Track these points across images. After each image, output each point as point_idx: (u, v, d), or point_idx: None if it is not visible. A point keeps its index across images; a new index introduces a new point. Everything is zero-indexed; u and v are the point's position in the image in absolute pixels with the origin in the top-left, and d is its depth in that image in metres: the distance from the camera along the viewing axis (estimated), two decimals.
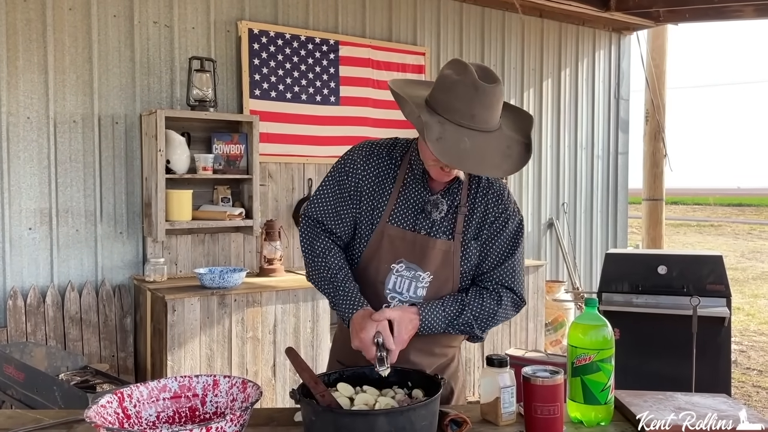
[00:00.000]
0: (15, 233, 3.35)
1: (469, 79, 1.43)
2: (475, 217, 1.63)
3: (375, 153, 1.65)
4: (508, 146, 1.48)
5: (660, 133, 6.29)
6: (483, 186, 1.65)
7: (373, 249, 1.61)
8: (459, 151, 1.42)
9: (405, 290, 1.60)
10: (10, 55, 3.31)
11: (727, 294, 3.35)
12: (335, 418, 1.23)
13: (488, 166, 1.45)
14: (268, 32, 3.99)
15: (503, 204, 1.65)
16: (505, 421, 1.42)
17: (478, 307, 1.59)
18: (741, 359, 5.36)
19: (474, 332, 1.61)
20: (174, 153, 3.49)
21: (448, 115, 1.44)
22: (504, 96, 1.48)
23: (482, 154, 1.43)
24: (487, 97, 1.43)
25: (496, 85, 1.44)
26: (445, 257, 1.60)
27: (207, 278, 3.32)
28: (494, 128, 1.47)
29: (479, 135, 1.44)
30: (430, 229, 1.60)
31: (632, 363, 3.30)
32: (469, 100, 1.42)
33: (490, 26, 5.12)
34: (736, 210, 28.50)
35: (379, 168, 1.63)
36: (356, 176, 1.63)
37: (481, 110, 1.43)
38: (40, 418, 1.47)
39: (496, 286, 1.63)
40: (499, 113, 1.49)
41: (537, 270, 4.51)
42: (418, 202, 1.61)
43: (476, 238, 1.63)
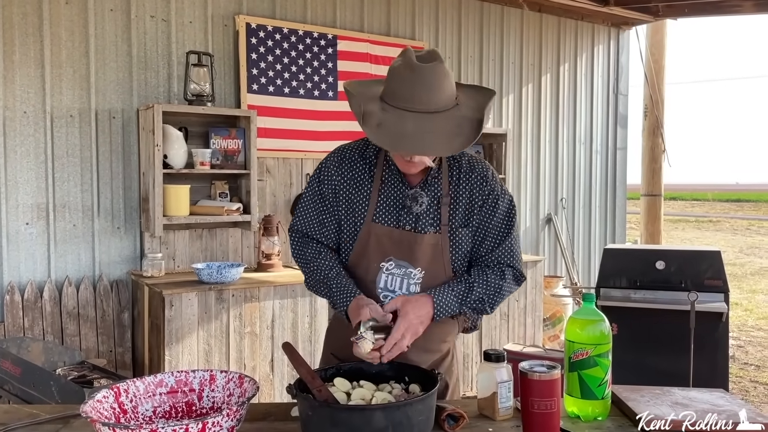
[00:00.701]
0: (12, 228, 3.34)
1: (407, 63, 1.43)
2: (461, 205, 1.62)
3: (347, 157, 1.64)
4: (459, 125, 1.45)
5: (659, 128, 6.28)
6: (464, 171, 1.64)
7: (360, 249, 1.61)
8: (399, 135, 1.42)
9: (397, 288, 1.60)
10: (7, 49, 3.29)
11: (725, 289, 3.35)
12: (332, 413, 1.22)
13: (433, 146, 1.44)
14: (265, 26, 3.98)
15: (489, 185, 1.64)
16: (502, 416, 1.42)
17: (485, 283, 1.59)
18: (739, 354, 5.37)
19: (485, 308, 1.61)
20: (171, 148, 3.48)
21: (391, 101, 1.45)
22: (448, 74, 1.45)
23: (426, 135, 1.42)
24: (425, 77, 1.42)
25: (434, 65, 1.43)
26: (434, 251, 1.60)
27: (205, 273, 3.32)
28: (443, 108, 1.45)
29: (424, 116, 1.42)
30: (415, 223, 1.59)
31: (630, 358, 3.30)
32: (408, 82, 1.43)
33: (488, 21, 5.11)
34: (735, 205, 28.52)
35: (353, 171, 1.63)
36: (332, 183, 1.63)
37: (422, 91, 1.42)
38: (36, 413, 1.47)
39: (497, 265, 1.64)
40: (448, 92, 1.46)
41: (535, 265, 4.51)
42: (398, 198, 1.60)
43: (465, 226, 1.62)
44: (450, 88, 1.47)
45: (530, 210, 5.44)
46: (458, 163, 1.65)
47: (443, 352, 1.71)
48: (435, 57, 1.45)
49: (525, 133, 5.37)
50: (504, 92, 5.22)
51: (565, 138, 5.65)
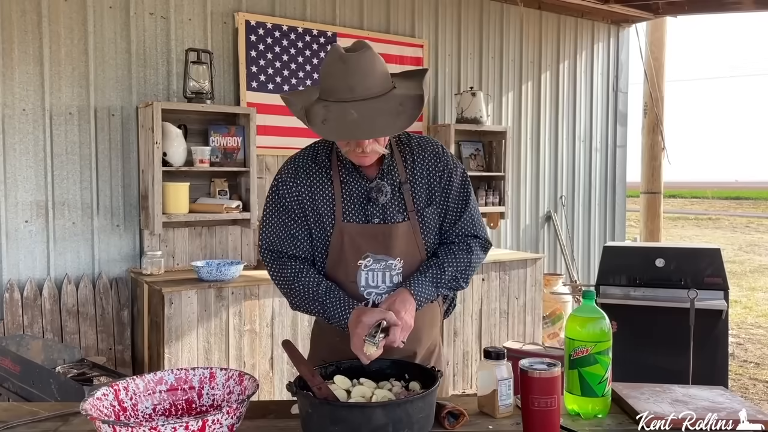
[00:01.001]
0: (11, 226, 3.34)
1: (336, 55, 1.45)
2: (421, 186, 1.63)
3: (301, 166, 1.63)
4: (401, 103, 1.46)
5: (658, 126, 6.28)
6: (416, 152, 1.65)
7: (336, 252, 1.60)
8: (346, 125, 1.43)
9: (379, 282, 1.60)
10: (5, 46, 3.29)
11: (724, 287, 3.34)
12: (332, 411, 1.22)
13: (380, 127, 1.45)
14: (265, 24, 3.97)
15: (442, 161, 1.66)
16: (503, 413, 1.42)
17: (454, 261, 1.62)
18: (738, 352, 5.37)
19: (459, 285, 1.64)
20: (171, 145, 3.47)
21: (331, 96, 1.46)
22: (378, 59, 1.47)
23: (372, 119, 1.43)
24: (357, 65, 1.43)
25: (362, 52, 1.44)
26: (408, 238, 1.61)
27: (204, 271, 3.32)
28: (382, 91, 1.46)
29: (365, 103, 1.44)
30: (383, 214, 1.60)
31: (629, 355, 3.29)
32: (342, 74, 1.44)
33: (488, 18, 5.10)
34: (734, 203, 28.53)
35: (310, 178, 1.62)
36: (293, 195, 1.62)
37: (357, 79, 1.43)
38: (36, 411, 1.46)
39: (462, 238, 1.66)
40: (382, 76, 1.47)
41: (535, 263, 4.51)
42: (362, 193, 1.60)
43: (430, 205, 1.63)
44: (383, 71, 1.48)
45: (530, 208, 5.44)
46: (408, 147, 1.66)
47: (432, 340, 1.73)
48: (363, 45, 1.47)
49: (524, 130, 5.37)
50: (503, 90, 5.22)
51: (565, 135, 5.65)
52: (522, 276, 4.45)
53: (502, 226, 5.16)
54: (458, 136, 4.69)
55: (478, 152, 4.88)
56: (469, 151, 4.83)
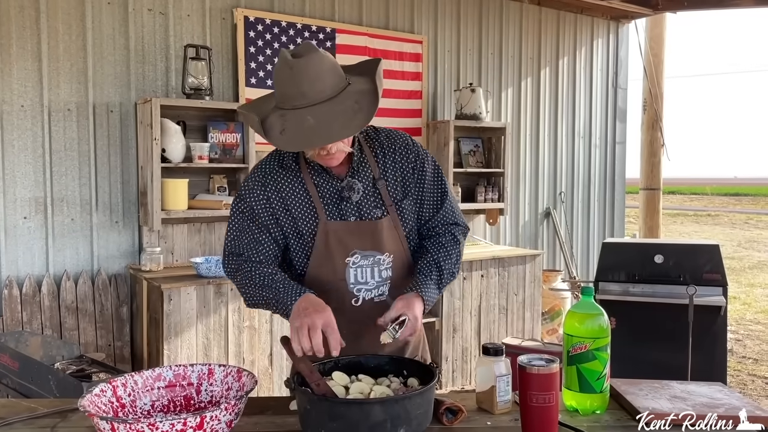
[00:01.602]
0: (10, 222, 3.34)
1: (283, 63, 1.43)
2: (395, 179, 1.63)
3: (268, 172, 1.61)
4: (356, 101, 1.44)
5: (658, 122, 6.28)
6: (386, 146, 1.65)
7: (321, 251, 1.58)
8: (304, 133, 1.41)
9: (369, 278, 1.60)
10: (3, 42, 3.28)
11: (723, 283, 3.35)
12: (330, 407, 1.22)
13: (337, 131, 1.42)
14: (264, 20, 3.96)
15: (412, 151, 1.66)
16: (501, 409, 1.42)
17: (447, 257, 1.64)
18: (737, 348, 5.38)
19: (453, 278, 1.67)
20: (169, 142, 3.47)
21: (286, 104, 1.45)
22: (327, 59, 1.45)
23: (328, 123, 1.42)
24: (305, 70, 1.41)
25: (308, 57, 1.42)
26: (391, 232, 1.61)
27: (203, 267, 3.31)
28: (336, 92, 1.45)
29: (321, 106, 1.42)
30: (358, 212, 1.59)
31: (628, 352, 3.30)
32: (291, 81, 1.43)
33: (488, 14, 5.09)
34: (733, 199, 28.54)
35: (279, 183, 1.60)
36: (260, 202, 1.60)
37: (308, 84, 1.41)
38: (34, 407, 1.46)
39: (445, 227, 1.68)
40: (334, 76, 1.45)
41: (534, 259, 4.51)
42: (335, 192, 1.59)
43: (406, 197, 1.64)
44: (334, 71, 1.46)
45: (529, 204, 5.44)
46: (378, 141, 1.65)
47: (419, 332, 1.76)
48: (309, 48, 1.44)
49: (524, 127, 5.36)
50: (503, 86, 5.21)
51: (564, 132, 5.64)
52: (521, 272, 4.45)
53: (501, 223, 5.16)
54: (457, 132, 4.68)
55: (478, 148, 4.87)
56: (469, 147, 4.83)
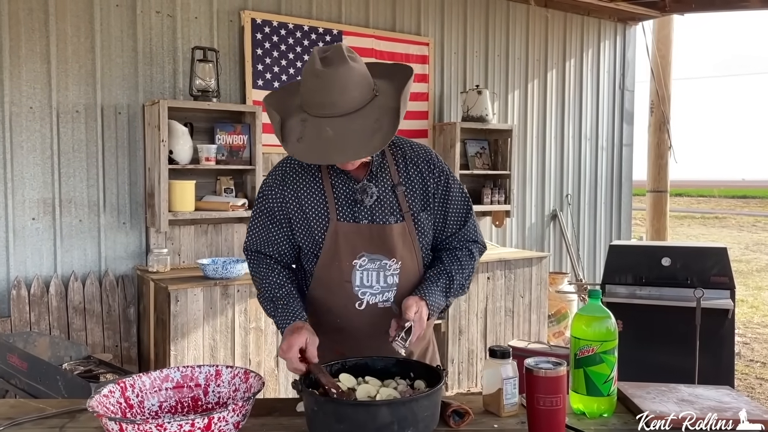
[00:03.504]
0: (18, 223, 3.36)
1: (311, 69, 1.40)
2: (416, 190, 1.62)
3: (288, 172, 1.63)
4: (377, 119, 1.41)
5: (665, 124, 6.26)
6: (410, 157, 1.64)
7: (330, 251, 1.58)
8: (320, 145, 1.39)
9: (374, 282, 1.59)
10: (13, 44, 3.30)
11: (731, 286, 3.33)
12: (337, 409, 1.22)
13: (353, 150, 1.40)
14: (271, 22, 3.98)
15: (437, 168, 1.65)
16: (508, 412, 1.42)
17: (460, 269, 1.63)
18: (744, 351, 5.35)
19: (464, 291, 1.67)
20: (177, 143, 3.48)
21: (309, 109, 1.43)
22: (355, 72, 1.40)
23: (346, 139, 1.39)
24: (332, 82, 1.38)
25: (336, 68, 1.38)
26: (404, 239, 1.60)
27: (210, 269, 3.32)
28: (359, 106, 1.42)
29: (342, 120, 1.40)
30: (371, 216, 1.58)
31: (635, 355, 3.29)
32: (317, 90, 1.40)
33: (494, 16, 5.09)
34: (741, 202, 28.39)
35: (298, 182, 1.61)
36: (277, 200, 1.62)
37: (332, 96, 1.38)
38: (43, 408, 1.47)
39: (464, 243, 1.68)
40: (360, 89, 1.41)
41: (540, 261, 4.50)
42: (350, 194, 1.59)
43: (425, 210, 1.63)
44: (361, 83, 1.42)
45: (535, 206, 5.43)
46: (401, 150, 1.65)
47: (427, 339, 1.75)
48: (339, 58, 1.40)
49: (530, 129, 5.36)
50: (509, 88, 5.21)
51: (571, 134, 5.63)
52: (527, 275, 4.44)
53: (507, 225, 5.15)
54: (464, 134, 4.68)
55: (484, 150, 4.87)
56: (475, 149, 4.82)
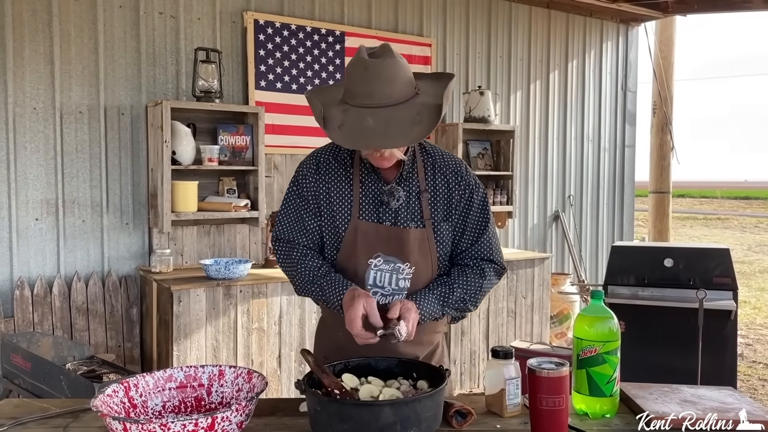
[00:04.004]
0: (22, 224, 3.36)
1: (359, 60, 1.46)
2: (440, 199, 1.63)
3: (322, 162, 1.66)
4: (418, 113, 1.46)
5: (667, 125, 6.25)
6: (439, 165, 1.65)
7: (348, 248, 1.61)
8: (362, 132, 1.44)
9: (386, 283, 1.60)
10: (16, 45, 3.31)
11: (733, 287, 3.33)
12: (340, 409, 1.23)
13: (394, 137, 1.45)
14: (273, 23, 3.98)
15: (464, 180, 1.66)
16: (510, 412, 1.42)
17: (464, 284, 1.61)
18: (747, 352, 5.34)
19: (467, 307, 1.63)
20: (180, 144, 3.49)
21: (351, 100, 1.48)
22: (401, 66, 1.47)
23: (387, 128, 1.43)
24: (378, 72, 1.44)
25: (384, 59, 1.45)
26: (421, 245, 1.61)
27: (212, 269, 3.33)
28: (402, 99, 1.46)
29: (384, 110, 1.44)
30: (395, 218, 1.60)
31: (638, 355, 3.28)
32: (363, 80, 1.45)
33: (496, 17, 5.09)
34: (744, 203, 28.34)
35: (330, 174, 1.64)
36: (311, 187, 1.64)
37: (378, 86, 1.44)
38: (47, 407, 1.48)
39: (476, 261, 1.65)
40: (403, 83, 1.47)
41: (542, 262, 4.50)
42: (377, 195, 1.61)
43: (446, 220, 1.63)
44: (406, 78, 1.48)
45: (537, 207, 5.43)
46: (432, 158, 1.66)
47: (434, 344, 1.73)
48: (386, 51, 1.47)
49: (533, 129, 5.36)
50: (512, 89, 5.21)
51: (573, 135, 5.63)
52: (529, 275, 4.44)
53: (509, 226, 5.15)
54: (466, 135, 4.68)
55: (486, 151, 4.87)
56: (477, 150, 4.83)
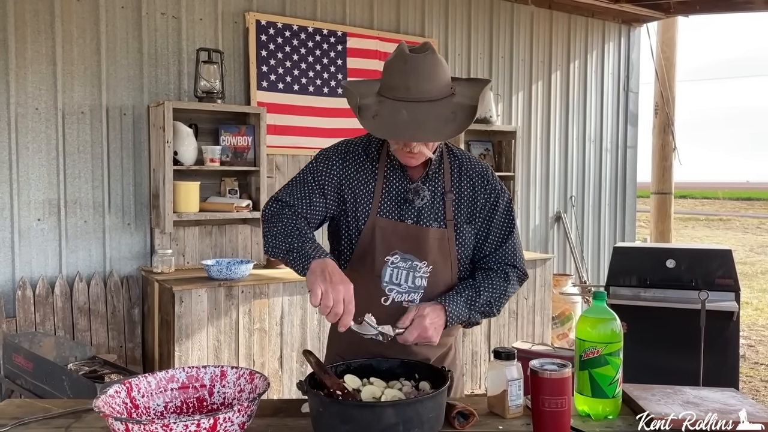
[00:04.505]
0: (24, 224, 3.37)
1: (399, 54, 1.47)
2: (464, 201, 1.63)
3: (351, 151, 1.66)
4: (453, 111, 1.47)
5: (669, 126, 6.24)
6: (465, 168, 1.66)
7: (366, 243, 1.61)
8: (395, 124, 1.45)
9: (403, 281, 1.60)
10: (19, 46, 3.31)
11: (736, 288, 3.33)
12: (342, 410, 1.23)
13: (427, 132, 1.46)
14: (275, 23, 3.98)
15: (490, 184, 1.66)
16: (513, 414, 1.42)
17: (491, 287, 1.61)
18: (749, 354, 5.34)
19: (492, 311, 1.63)
20: (182, 144, 3.49)
21: (387, 93, 1.49)
22: (441, 64, 1.49)
23: (421, 122, 1.45)
24: (418, 67, 1.45)
25: (425, 54, 1.46)
26: (441, 245, 1.61)
27: (214, 270, 3.33)
28: (438, 96, 1.47)
29: (419, 105, 1.46)
30: (417, 217, 1.61)
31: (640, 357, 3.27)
32: (401, 73, 1.46)
33: (498, 18, 5.09)
34: (746, 204, 28.31)
35: (357, 164, 1.64)
36: (335, 174, 1.63)
37: (416, 80, 1.45)
38: (48, 408, 1.48)
39: (500, 266, 1.65)
40: (442, 81, 1.48)
41: (544, 263, 4.49)
42: (401, 192, 1.62)
43: (469, 222, 1.64)
44: (444, 77, 1.49)
45: (539, 208, 5.42)
46: (458, 161, 1.67)
47: (448, 346, 1.73)
48: (427, 48, 1.48)
49: (534, 130, 5.35)
50: (513, 89, 5.21)
51: (575, 136, 5.62)
52: (531, 276, 4.44)
53: None
54: (468, 135, 4.68)
55: (488, 152, 4.87)
56: (479, 150, 4.82)
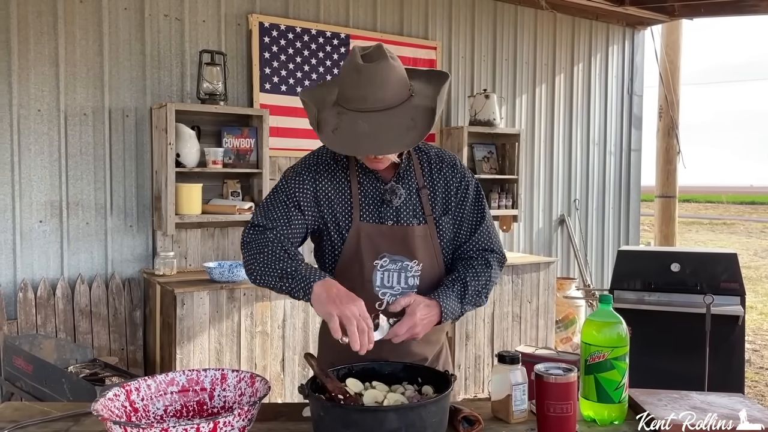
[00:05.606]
0: (26, 226, 3.36)
1: (352, 64, 1.44)
2: (439, 194, 1.64)
3: (321, 162, 1.63)
4: (413, 117, 1.45)
5: (673, 129, 6.22)
6: (434, 161, 1.67)
7: (351, 250, 1.59)
8: (355, 137, 1.42)
9: (395, 283, 1.59)
10: (21, 47, 3.31)
11: (741, 292, 3.30)
12: (344, 414, 1.21)
13: (387, 143, 1.44)
14: (278, 25, 3.98)
15: (459, 173, 1.68)
16: (517, 418, 1.40)
17: (476, 276, 1.60)
18: (754, 358, 5.30)
19: (481, 300, 1.62)
20: (184, 146, 3.48)
21: (346, 104, 1.46)
22: (395, 69, 1.44)
23: (380, 133, 1.42)
24: (371, 76, 1.41)
25: (377, 63, 1.42)
26: (425, 241, 1.61)
27: (216, 272, 3.32)
28: (395, 103, 1.45)
29: (377, 115, 1.43)
30: (397, 217, 1.60)
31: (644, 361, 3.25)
32: (356, 84, 1.43)
33: (502, 20, 5.08)
34: (749, 208, 28.25)
35: (329, 174, 1.61)
36: (308, 188, 1.59)
37: (372, 90, 1.42)
38: (48, 411, 1.46)
39: (479, 252, 1.65)
40: (397, 87, 1.45)
41: (548, 267, 4.47)
42: (377, 194, 1.61)
43: (446, 214, 1.64)
44: (399, 82, 1.46)
45: (543, 211, 5.40)
46: (427, 155, 1.68)
47: (440, 343, 1.73)
48: (380, 54, 1.44)
49: (538, 133, 5.34)
50: (517, 92, 5.19)
51: (579, 139, 5.60)
52: (535, 280, 4.42)
53: (515, 230, 5.13)
54: (471, 138, 4.66)
55: (491, 155, 4.85)
56: (482, 153, 4.81)
